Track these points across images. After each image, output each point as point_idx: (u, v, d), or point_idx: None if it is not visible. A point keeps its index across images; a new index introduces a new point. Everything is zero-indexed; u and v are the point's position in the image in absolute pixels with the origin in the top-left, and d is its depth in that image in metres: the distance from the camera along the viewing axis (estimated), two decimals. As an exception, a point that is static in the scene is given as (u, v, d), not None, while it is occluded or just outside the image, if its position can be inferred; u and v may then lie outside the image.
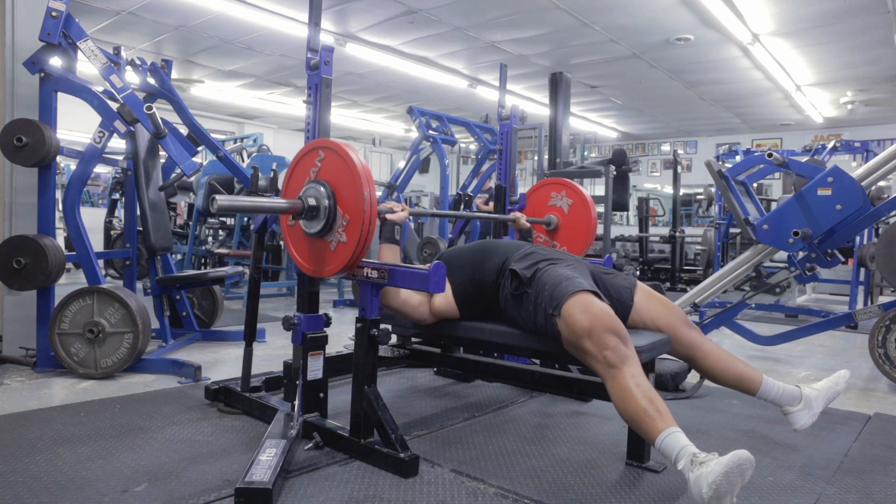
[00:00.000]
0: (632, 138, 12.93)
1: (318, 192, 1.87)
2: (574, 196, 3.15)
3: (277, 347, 3.69)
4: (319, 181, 1.89)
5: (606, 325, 1.73)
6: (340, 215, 1.86)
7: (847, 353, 4.10)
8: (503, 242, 2.29)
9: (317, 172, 1.92)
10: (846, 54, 6.82)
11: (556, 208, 3.18)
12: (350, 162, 1.82)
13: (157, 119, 2.98)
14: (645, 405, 1.62)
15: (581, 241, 3.13)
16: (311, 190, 1.89)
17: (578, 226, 3.13)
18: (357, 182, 1.79)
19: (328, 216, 1.86)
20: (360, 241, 1.80)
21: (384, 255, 2.16)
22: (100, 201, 10.32)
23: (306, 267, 2.00)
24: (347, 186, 1.83)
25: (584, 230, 3.12)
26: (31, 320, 2.99)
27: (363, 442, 1.94)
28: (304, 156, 1.99)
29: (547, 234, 3.21)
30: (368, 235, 1.80)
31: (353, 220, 1.82)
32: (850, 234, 3.18)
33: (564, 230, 3.18)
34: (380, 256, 2.15)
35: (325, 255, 1.92)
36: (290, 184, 2.02)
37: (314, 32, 2.15)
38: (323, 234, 1.90)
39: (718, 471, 1.42)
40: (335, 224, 1.87)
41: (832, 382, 2.08)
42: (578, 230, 3.14)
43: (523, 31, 6.53)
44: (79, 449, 1.97)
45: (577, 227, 3.14)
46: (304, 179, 1.95)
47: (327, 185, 1.87)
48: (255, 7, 6.02)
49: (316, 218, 1.89)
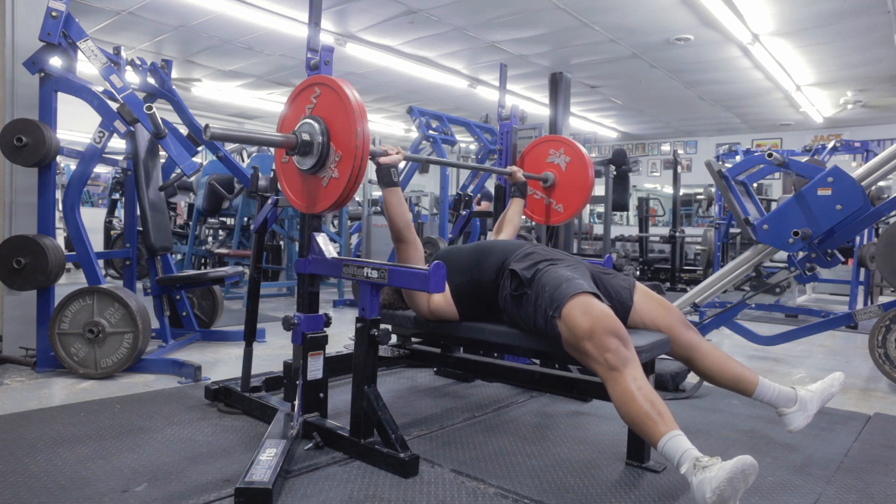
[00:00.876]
0: (632, 138, 12.93)
1: (313, 128, 1.89)
2: (572, 153, 3.11)
3: (277, 347, 3.69)
4: (314, 117, 1.91)
5: (607, 327, 1.72)
6: (333, 151, 1.87)
7: (847, 353, 4.09)
8: (501, 242, 2.28)
9: (312, 109, 1.93)
10: (846, 54, 6.82)
11: (554, 165, 3.14)
12: (345, 97, 1.83)
13: (157, 119, 2.97)
14: (647, 408, 1.62)
15: (578, 199, 3.10)
16: (305, 126, 1.91)
17: (575, 183, 3.10)
18: (350, 118, 1.81)
19: (321, 152, 1.88)
20: (352, 176, 1.82)
21: (388, 198, 2.17)
22: (100, 201, 10.32)
23: (298, 203, 2.02)
24: (341, 122, 1.84)
25: (581, 188, 3.09)
26: (31, 320, 3.00)
27: (363, 442, 1.94)
28: (301, 92, 2.00)
29: (544, 190, 3.19)
30: (360, 171, 1.82)
31: (345, 156, 1.84)
32: (850, 234, 3.17)
33: (561, 187, 3.14)
34: (385, 201, 2.17)
35: (318, 192, 1.94)
36: (286, 120, 2.03)
37: (314, 32, 2.15)
38: (315, 171, 1.92)
39: (722, 476, 1.42)
40: (328, 160, 1.89)
41: (826, 384, 2.09)
42: (575, 188, 3.10)
43: (523, 31, 6.53)
44: (79, 449, 1.97)
45: (574, 185, 3.11)
46: (300, 116, 1.96)
47: (321, 121, 1.89)
48: (255, 7, 6.02)
49: (309, 154, 1.90)
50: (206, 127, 1.66)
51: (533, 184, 3.17)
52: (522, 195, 2.97)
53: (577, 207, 3.12)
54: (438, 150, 5.73)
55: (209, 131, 1.66)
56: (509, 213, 2.91)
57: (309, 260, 2.11)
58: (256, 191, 2.62)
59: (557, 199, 3.15)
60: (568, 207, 3.12)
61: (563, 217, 3.15)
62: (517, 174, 2.97)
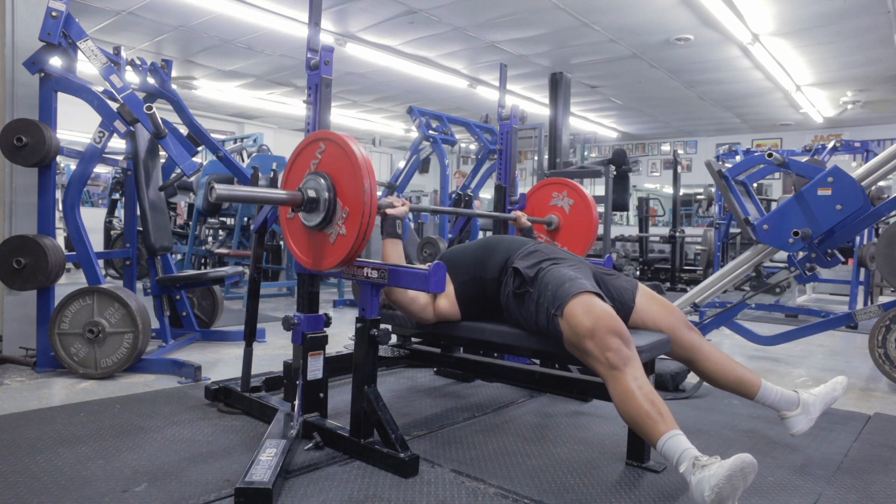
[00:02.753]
0: (632, 138, 12.93)
1: (319, 183, 1.86)
2: (575, 196, 3.14)
3: (277, 347, 3.69)
4: (319, 173, 1.88)
5: (609, 327, 1.73)
6: (340, 207, 1.84)
7: (847, 353, 4.09)
8: (506, 239, 2.28)
9: (317, 164, 1.91)
10: (846, 54, 6.82)
11: (558, 208, 3.17)
12: (351, 153, 1.80)
13: (157, 119, 2.97)
14: (647, 407, 1.62)
15: (582, 242, 3.13)
16: (311, 182, 1.88)
17: (579, 226, 3.13)
18: (357, 174, 1.78)
19: (328, 208, 1.85)
20: (360, 233, 1.79)
21: (387, 249, 2.14)
22: (100, 201, 10.32)
23: (305, 260, 1.99)
24: (348, 178, 1.82)
25: (585, 231, 3.12)
26: (31, 320, 3.00)
27: (363, 442, 1.94)
28: (305, 147, 1.98)
29: (548, 234, 3.21)
30: (368, 228, 1.79)
31: (352, 213, 1.81)
32: (850, 234, 3.17)
33: (565, 230, 3.17)
34: (383, 251, 2.14)
35: (325, 249, 1.91)
36: (290, 176, 2.01)
37: (314, 32, 2.15)
38: (322, 227, 1.89)
39: (721, 474, 1.42)
40: (335, 216, 1.86)
41: (830, 388, 2.09)
42: (579, 231, 3.13)
43: (523, 31, 6.53)
44: (79, 449, 1.97)
45: (578, 228, 3.14)
46: (304, 172, 1.93)
47: (327, 177, 1.86)
48: (255, 7, 6.02)
49: (315, 210, 1.87)
50: (212, 189, 1.64)
51: (537, 227, 3.17)
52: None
53: (583, 250, 3.12)
54: (438, 150, 5.73)
55: (214, 193, 1.64)
56: None
57: (309, 260, 2.11)
58: (256, 191, 2.61)
59: (562, 241, 3.16)
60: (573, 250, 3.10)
61: None
62: (522, 219, 2.95)
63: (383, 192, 5.92)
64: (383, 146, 13.91)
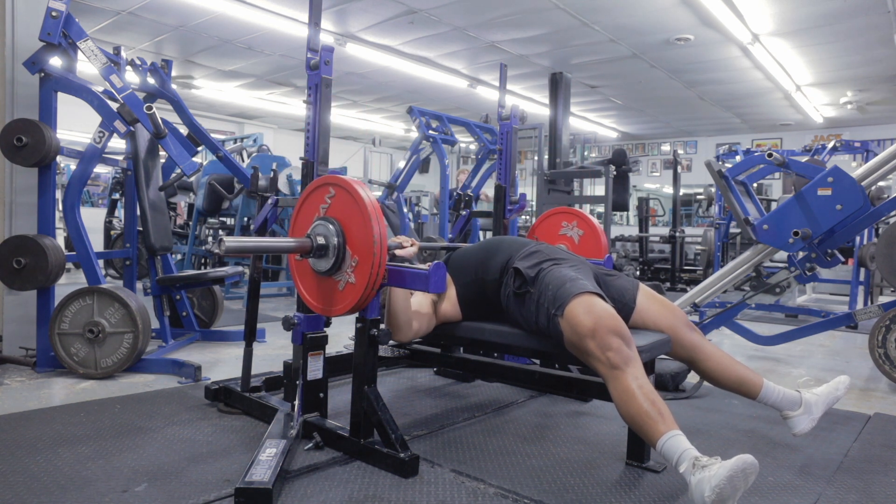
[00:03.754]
0: (632, 138, 12.93)
1: (328, 229, 1.85)
2: (585, 227, 3.11)
3: (277, 347, 3.69)
4: (328, 218, 1.86)
5: (610, 327, 1.73)
6: (349, 255, 1.82)
7: (847, 353, 4.09)
8: (507, 239, 2.28)
9: (326, 209, 1.89)
10: (846, 54, 6.82)
11: (567, 238, 3.14)
12: (360, 200, 1.78)
13: (157, 119, 2.97)
14: (647, 407, 1.62)
15: None
16: (319, 227, 1.87)
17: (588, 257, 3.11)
18: (367, 222, 1.76)
19: (337, 255, 1.83)
20: (370, 283, 1.77)
21: (395, 294, 2.01)
22: (100, 201, 10.32)
23: (315, 305, 1.97)
24: (357, 225, 1.80)
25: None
26: (31, 320, 3.00)
27: (363, 442, 1.94)
28: (314, 191, 1.95)
29: None
30: (378, 277, 1.77)
31: (362, 261, 1.79)
32: (850, 234, 3.17)
33: None
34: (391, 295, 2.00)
35: (334, 295, 1.89)
36: (299, 219, 1.98)
37: (314, 32, 2.15)
38: (331, 273, 1.87)
39: (722, 475, 1.42)
40: (344, 264, 1.84)
41: (832, 388, 2.08)
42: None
43: (523, 31, 6.53)
44: (79, 449, 1.97)
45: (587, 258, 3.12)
46: (313, 215, 1.92)
47: (336, 222, 1.84)
48: (255, 7, 6.02)
49: (325, 257, 1.86)
50: (221, 242, 1.63)
51: None
52: None
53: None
54: (438, 150, 5.74)
55: (224, 246, 1.63)
56: None
57: (309, 260, 2.10)
58: (256, 191, 2.62)
59: None
60: None
61: None
62: None
63: (383, 192, 5.92)
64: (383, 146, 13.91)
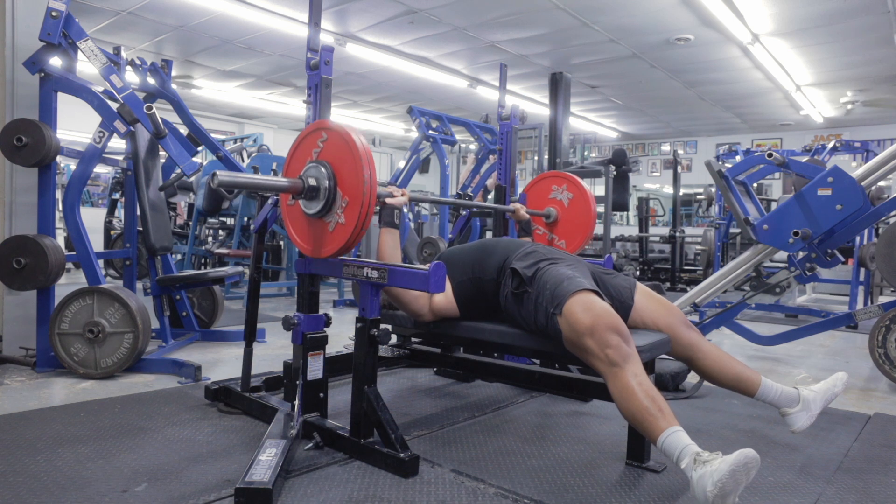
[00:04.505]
0: (632, 138, 12.94)
1: (319, 172, 1.89)
2: (574, 190, 3.14)
3: (277, 347, 3.69)
4: (321, 162, 1.91)
5: (608, 324, 1.73)
6: (340, 196, 1.87)
7: (847, 353, 4.09)
8: (504, 241, 2.29)
9: (318, 153, 1.94)
10: (846, 54, 6.82)
11: (556, 201, 3.17)
12: (352, 144, 1.83)
13: (157, 119, 2.98)
14: (647, 404, 1.62)
15: (580, 236, 3.13)
16: (312, 170, 1.91)
17: (578, 220, 3.14)
18: (358, 164, 1.81)
19: (328, 197, 1.88)
20: (359, 223, 1.81)
21: (384, 238, 2.16)
22: (100, 201, 10.32)
23: (304, 247, 2.02)
24: (348, 168, 1.84)
25: (583, 224, 3.13)
26: (31, 320, 3.00)
27: (363, 442, 1.94)
28: (307, 136, 2.00)
29: (546, 226, 3.21)
30: (367, 218, 1.82)
31: (352, 202, 1.83)
32: (850, 234, 3.17)
33: (563, 224, 3.18)
34: (379, 240, 2.16)
35: (324, 236, 1.94)
36: (292, 164, 2.03)
37: (314, 32, 2.15)
38: (322, 215, 1.92)
39: (724, 469, 1.42)
40: (334, 205, 1.89)
41: (830, 384, 2.08)
42: (577, 224, 3.14)
43: (523, 31, 6.53)
44: (79, 449, 1.97)
45: (576, 221, 3.14)
46: (306, 160, 1.96)
47: (328, 165, 1.89)
48: (255, 7, 6.02)
49: (315, 198, 1.90)
50: (214, 175, 1.65)
51: (535, 219, 3.18)
52: (527, 233, 2.97)
53: (580, 243, 3.13)
54: (438, 150, 5.73)
55: (216, 179, 1.65)
56: None
57: (309, 260, 2.11)
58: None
59: (560, 234, 3.17)
60: (570, 243, 3.14)
61: None
62: (520, 211, 2.96)
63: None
64: (383, 146, 13.92)
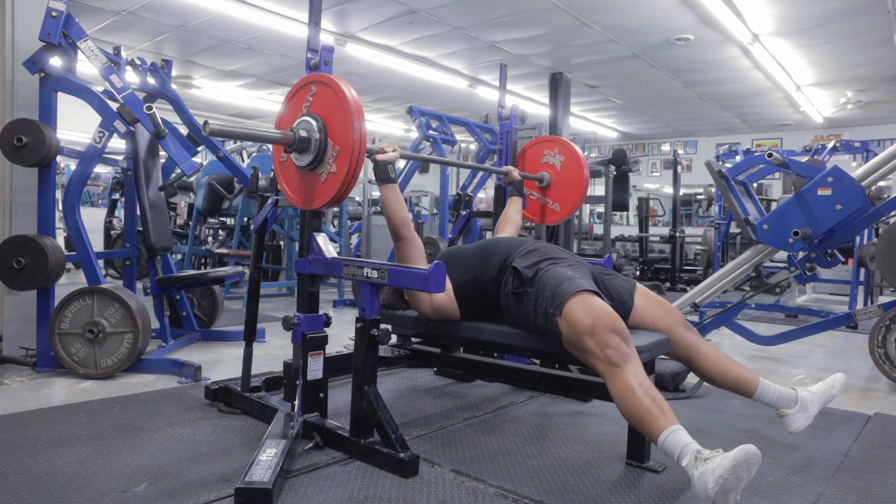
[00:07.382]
0: (632, 138, 12.93)
1: (310, 124, 1.91)
2: (567, 153, 3.14)
3: (277, 347, 3.69)
4: (311, 114, 1.93)
5: (608, 324, 1.73)
6: (331, 147, 1.89)
7: (847, 353, 4.09)
8: (505, 240, 2.29)
9: (309, 107, 1.96)
10: (846, 54, 6.82)
11: (549, 165, 3.17)
12: (342, 94, 1.85)
13: (157, 119, 2.97)
14: (647, 403, 1.62)
15: (573, 198, 3.13)
16: (303, 123, 1.93)
17: (570, 182, 3.13)
18: (347, 113, 1.83)
19: (319, 148, 1.90)
20: (350, 170, 1.84)
21: (386, 195, 2.20)
22: (100, 201, 10.32)
23: (296, 200, 2.05)
24: (338, 118, 1.87)
25: (576, 186, 3.12)
26: (31, 320, 2.99)
27: (363, 442, 1.94)
28: (298, 90, 2.02)
29: (539, 190, 3.21)
30: (358, 165, 1.84)
31: (343, 151, 1.86)
32: (850, 234, 3.17)
33: (557, 187, 3.17)
34: (382, 198, 2.20)
35: (316, 187, 1.96)
36: (283, 118, 2.05)
37: (314, 32, 2.15)
38: (313, 167, 1.94)
39: (726, 465, 1.42)
40: (325, 155, 1.91)
41: (828, 385, 2.09)
42: (571, 186, 3.13)
43: (523, 31, 6.53)
44: (79, 449, 1.97)
45: (569, 184, 3.13)
46: (297, 114, 1.98)
47: (319, 118, 1.91)
48: (255, 7, 6.02)
49: (307, 150, 1.92)
50: (206, 123, 1.67)
51: (529, 184, 3.18)
52: (520, 193, 2.99)
53: (573, 206, 3.14)
54: (438, 150, 5.73)
55: (208, 127, 1.67)
56: (509, 212, 2.92)
57: (309, 260, 2.11)
58: (256, 191, 2.62)
59: (553, 198, 3.17)
60: (564, 206, 3.14)
61: (559, 216, 3.17)
62: (513, 173, 2.99)
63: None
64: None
